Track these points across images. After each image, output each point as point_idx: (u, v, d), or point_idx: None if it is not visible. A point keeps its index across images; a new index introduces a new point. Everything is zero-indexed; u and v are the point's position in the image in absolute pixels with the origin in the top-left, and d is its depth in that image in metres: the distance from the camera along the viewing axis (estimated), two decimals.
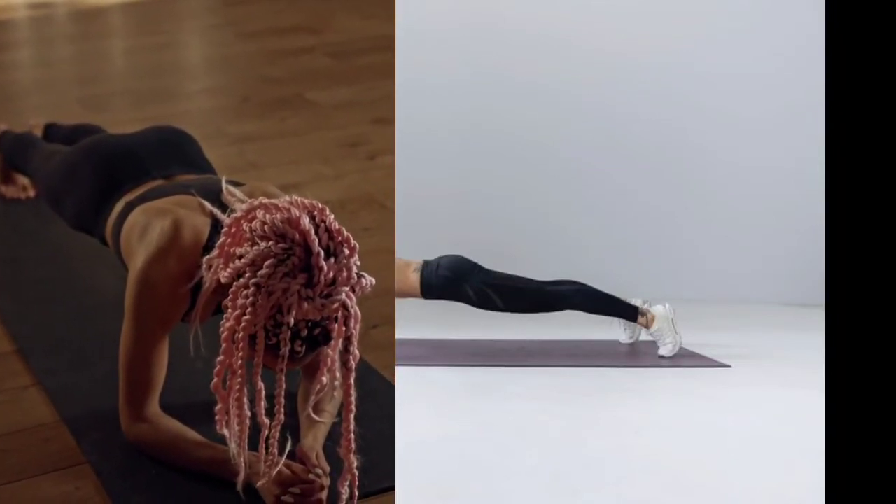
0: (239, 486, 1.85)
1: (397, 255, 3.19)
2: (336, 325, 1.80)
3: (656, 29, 5.19)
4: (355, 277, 1.79)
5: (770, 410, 2.62)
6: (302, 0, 5.92)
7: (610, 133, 5.22)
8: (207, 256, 1.88)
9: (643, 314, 3.45)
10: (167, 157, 2.40)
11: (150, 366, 2.02)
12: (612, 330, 3.69)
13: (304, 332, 1.77)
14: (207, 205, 2.07)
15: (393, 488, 1.95)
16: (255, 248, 1.77)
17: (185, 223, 2.01)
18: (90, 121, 3.54)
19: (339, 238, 1.78)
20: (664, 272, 5.12)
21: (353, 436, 1.84)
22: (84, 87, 4.64)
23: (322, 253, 1.75)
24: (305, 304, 1.74)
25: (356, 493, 1.88)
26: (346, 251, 1.78)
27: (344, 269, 1.77)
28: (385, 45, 4.67)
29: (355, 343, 1.82)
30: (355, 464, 1.85)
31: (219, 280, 1.83)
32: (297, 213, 1.77)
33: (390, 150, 3.77)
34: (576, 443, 2.21)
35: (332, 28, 5.43)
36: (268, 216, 1.80)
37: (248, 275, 1.76)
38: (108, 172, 2.34)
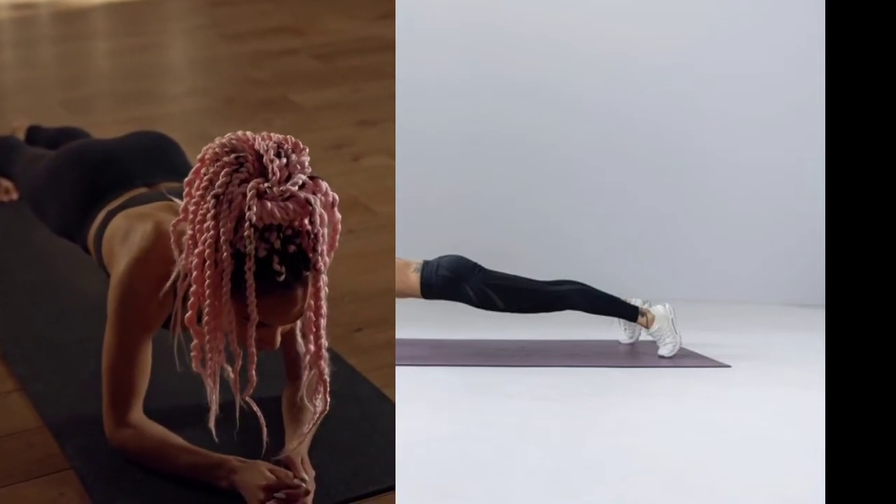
0: (212, 423, 1.87)
1: (397, 255, 3.19)
2: (309, 241, 1.78)
3: (656, 29, 5.20)
4: (308, 177, 1.80)
5: (770, 410, 2.62)
6: (287, 1, 5.91)
7: (610, 133, 5.22)
8: (184, 237, 1.84)
9: (643, 314, 3.45)
10: (151, 164, 2.38)
11: (134, 371, 2.02)
12: (612, 330, 3.69)
13: (278, 244, 1.74)
14: None
15: (378, 492, 1.97)
16: (211, 170, 1.78)
17: (166, 227, 1.97)
18: (73, 123, 3.52)
19: (287, 145, 1.81)
20: (664, 272, 5.13)
21: (322, 332, 1.87)
22: (67, 88, 4.63)
23: (271, 151, 1.77)
24: (268, 204, 1.74)
25: (328, 398, 1.94)
26: (295, 154, 1.80)
27: (297, 165, 1.79)
28: (370, 47, 4.67)
29: (323, 248, 1.81)
30: (327, 370, 1.90)
31: (197, 255, 1.78)
32: (243, 133, 1.81)
33: (375, 151, 3.77)
34: (576, 443, 2.21)
35: (317, 29, 5.42)
36: (217, 141, 1.81)
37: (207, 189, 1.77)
38: (91, 180, 2.32)
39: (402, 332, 2.94)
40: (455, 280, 3.34)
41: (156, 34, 5.60)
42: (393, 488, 1.98)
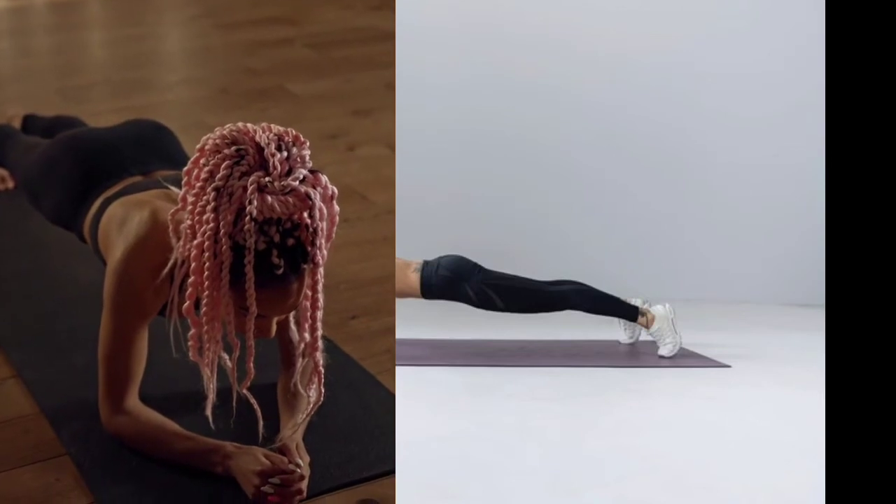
0: (208, 411, 1.88)
1: (397, 255, 3.19)
2: (308, 235, 1.78)
3: (656, 29, 5.19)
4: (309, 170, 1.81)
5: (770, 410, 2.62)
6: None
7: (610, 133, 5.21)
8: (182, 225, 1.84)
9: (643, 314, 3.45)
10: (146, 152, 2.39)
11: (130, 358, 2.02)
12: (612, 330, 3.69)
13: (277, 237, 1.75)
14: None
15: (373, 477, 1.99)
16: (211, 161, 1.78)
17: (163, 214, 1.98)
18: (69, 112, 3.53)
19: (287, 138, 1.81)
20: (664, 272, 5.12)
21: (319, 323, 1.88)
22: (63, 77, 4.64)
23: (272, 145, 1.78)
24: (269, 198, 1.74)
25: (322, 388, 1.95)
26: (296, 148, 1.81)
27: (298, 158, 1.80)
28: (364, 37, 4.66)
29: (321, 241, 1.81)
30: (321, 360, 1.91)
31: (196, 247, 1.79)
32: (243, 125, 1.81)
33: (370, 141, 3.79)
34: (576, 443, 2.21)
35: (312, 19, 5.44)
36: (217, 132, 1.81)
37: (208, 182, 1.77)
38: (86, 169, 2.32)
39: (402, 332, 2.94)
40: (455, 280, 3.34)
41: (151, 24, 5.62)
42: (388, 473, 1.99)
